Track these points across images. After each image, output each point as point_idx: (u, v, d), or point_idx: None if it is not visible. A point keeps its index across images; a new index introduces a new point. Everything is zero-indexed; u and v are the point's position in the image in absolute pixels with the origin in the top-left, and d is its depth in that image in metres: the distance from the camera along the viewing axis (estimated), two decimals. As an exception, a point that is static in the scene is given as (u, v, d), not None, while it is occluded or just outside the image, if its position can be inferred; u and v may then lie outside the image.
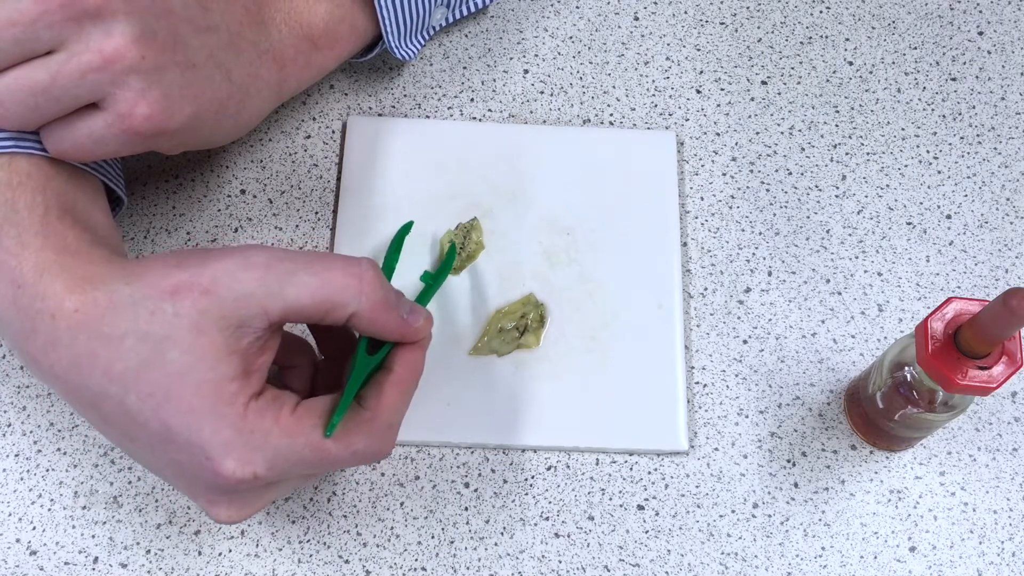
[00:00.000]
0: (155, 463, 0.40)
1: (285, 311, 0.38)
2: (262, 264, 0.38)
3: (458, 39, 0.60)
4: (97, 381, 0.38)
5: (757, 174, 0.57)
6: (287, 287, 0.38)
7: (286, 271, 0.38)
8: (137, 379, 0.37)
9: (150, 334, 0.37)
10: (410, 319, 0.41)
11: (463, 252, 0.54)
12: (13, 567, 0.47)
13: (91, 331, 0.38)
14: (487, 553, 0.49)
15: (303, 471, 0.39)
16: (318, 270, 0.39)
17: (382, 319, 0.40)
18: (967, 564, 0.49)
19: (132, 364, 0.37)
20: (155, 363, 0.37)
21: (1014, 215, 0.57)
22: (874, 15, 0.62)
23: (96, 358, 0.38)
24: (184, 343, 0.37)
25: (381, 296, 0.40)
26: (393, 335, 0.41)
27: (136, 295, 0.38)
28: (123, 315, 0.38)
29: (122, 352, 0.37)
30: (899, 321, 0.54)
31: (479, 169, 0.56)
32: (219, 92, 0.42)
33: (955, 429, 0.52)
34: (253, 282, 0.38)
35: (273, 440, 0.38)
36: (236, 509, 0.40)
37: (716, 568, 0.49)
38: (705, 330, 0.53)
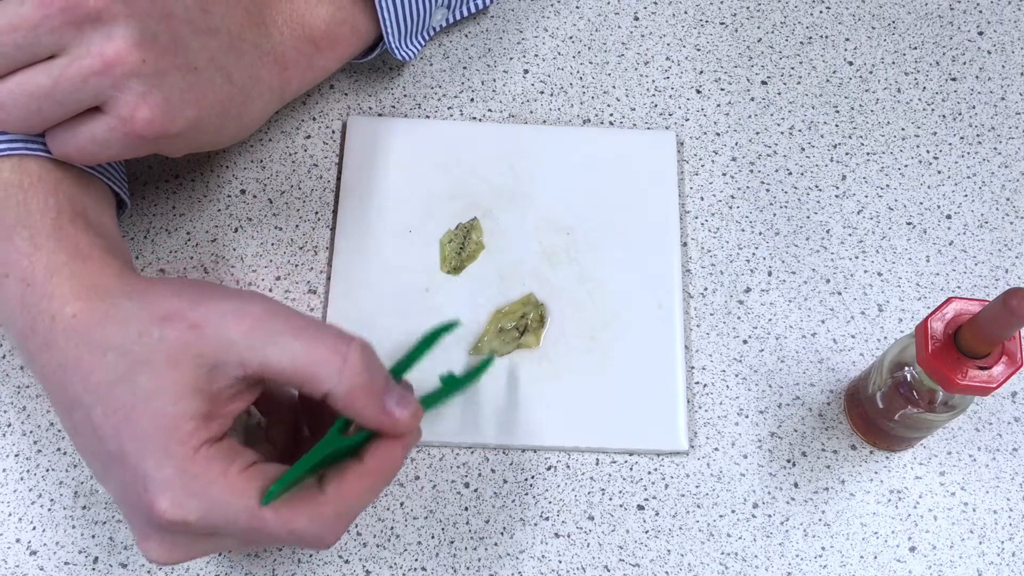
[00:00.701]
0: (107, 482, 0.40)
1: (262, 368, 0.38)
2: (254, 316, 0.38)
3: (458, 39, 0.60)
4: (75, 388, 0.38)
5: (757, 174, 0.57)
6: (269, 346, 0.37)
7: (274, 330, 0.38)
8: (109, 394, 0.37)
9: (131, 353, 0.37)
10: (395, 411, 0.39)
11: (463, 252, 0.54)
12: (13, 567, 0.47)
13: (82, 338, 0.38)
14: (487, 553, 0.49)
15: (236, 533, 0.38)
16: (306, 338, 0.38)
17: (359, 404, 0.38)
18: (967, 564, 0.49)
19: (108, 378, 0.37)
20: (128, 382, 0.37)
21: (1014, 215, 0.57)
22: (874, 15, 0.62)
23: (79, 365, 0.38)
24: (157, 370, 0.37)
25: (363, 381, 0.38)
26: (370, 423, 0.39)
27: (132, 312, 0.38)
28: (115, 329, 0.38)
29: (103, 364, 0.38)
30: (899, 321, 0.54)
31: (479, 169, 0.56)
32: (221, 94, 0.42)
33: (955, 429, 0.52)
34: (239, 332, 0.37)
35: (213, 491, 0.37)
36: (166, 550, 0.39)
37: (716, 568, 0.49)
38: (705, 330, 0.53)
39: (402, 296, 0.53)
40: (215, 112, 0.42)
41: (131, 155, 0.40)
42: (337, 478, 0.39)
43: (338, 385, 0.38)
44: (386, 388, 0.39)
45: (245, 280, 0.53)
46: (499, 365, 0.51)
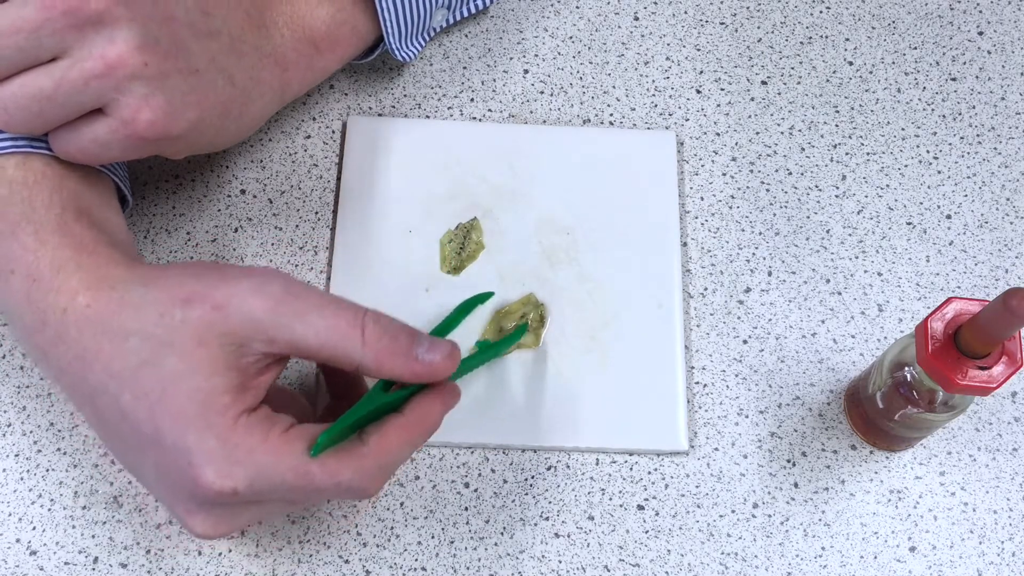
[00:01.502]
0: (141, 467, 0.40)
1: (290, 345, 0.38)
2: (277, 295, 0.38)
3: (458, 39, 0.60)
4: (97, 376, 0.38)
5: (757, 174, 0.57)
6: (296, 323, 0.38)
7: (297, 308, 0.38)
8: (135, 378, 0.37)
9: (154, 336, 0.38)
10: (426, 357, 0.40)
11: (463, 252, 0.54)
12: (13, 567, 0.47)
13: (99, 327, 0.38)
14: (487, 553, 0.49)
15: (284, 495, 0.38)
16: (327, 314, 0.39)
17: (388, 366, 0.39)
18: (967, 564, 0.49)
19: (132, 363, 0.38)
20: (154, 365, 0.37)
21: (1014, 215, 0.57)
22: (874, 15, 0.62)
23: (99, 353, 0.38)
24: (184, 350, 0.37)
25: (386, 344, 0.39)
26: (406, 378, 0.40)
27: (148, 297, 0.38)
28: (133, 315, 0.38)
29: (125, 350, 0.38)
30: (899, 321, 0.54)
31: (479, 169, 0.56)
32: (222, 96, 0.42)
33: (955, 429, 0.52)
34: (264, 310, 0.38)
35: (257, 457, 0.37)
36: (212, 523, 0.39)
37: (716, 568, 0.49)
38: (705, 330, 0.53)
39: (402, 296, 0.53)
40: (216, 114, 0.42)
41: (133, 156, 0.41)
42: (378, 431, 0.39)
43: (364, 356, 0.38)
44: (413, 342, 0.40)
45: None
46: (499, 365, 0.51)
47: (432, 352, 0.40)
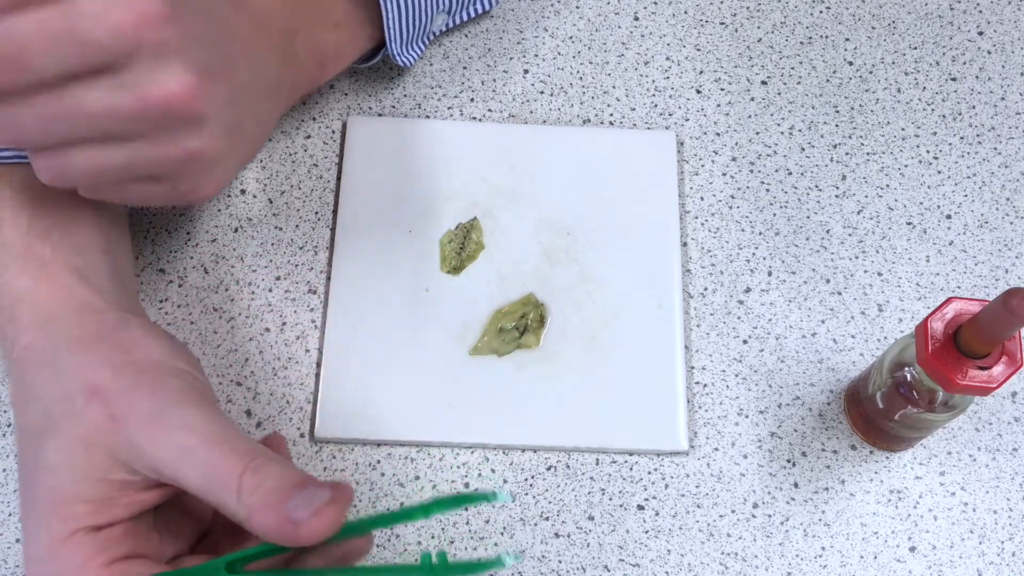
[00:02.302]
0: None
1: (175, 481, 0.36)
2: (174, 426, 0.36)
3: (458, 39, 0.60)
4: (17, 417, 0.39)
5: (757, 174, 0.57)
6: (180, 463, 0.36)
7: (190, 446, 0.36)
8: (25, 442, 0.38)
9: (51, 414, 0.37)
10: (297, 515, 0.34)
11: (463, 252, 0.54)
12: (13, 567, 0.47)
13: (24, 374, 0.39)
14: (487, 553, 0.49)
15: None
16: (214, 455, 0.35)
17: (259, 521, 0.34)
18: (967, 564, 0.49)
19: (29, 426, 0.38)
20: (38, 442, 0.37)
21: (1014, 215, 0.57)
22: (874, 15, 0.62)
23: (19, 398, 0.39)
24: (65, 444, 0.37)
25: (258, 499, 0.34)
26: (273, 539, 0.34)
27: (67, 369, 0.38)
28: (47, 378, 0.38)
29: (30, 410, 0.38)
30: (899, 321, 0.54)
31: (479, 169, 0.56)
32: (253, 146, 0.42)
33: (955, 429, 0.52)
34: (153, 442, 0.36)
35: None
36: None
37: (716, 568, 0.49)
38: (705, 330, 0.53)
39: (402, 296, 0.53)
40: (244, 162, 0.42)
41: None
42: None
43: (238, 509, 0.35)
44: (288, 495, 0.34)
45: (245, 280, 0.53)
46: (499, 365, 0.51)
47: (306, 507, 0.34)
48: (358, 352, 0.51)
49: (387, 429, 0.50)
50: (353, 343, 0.51)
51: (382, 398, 0.50)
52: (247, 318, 0.53)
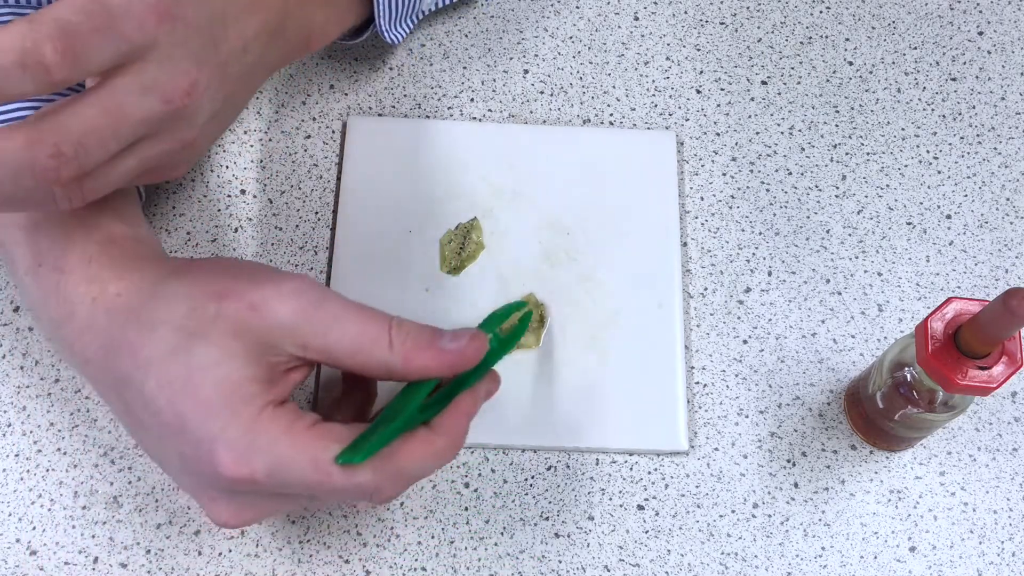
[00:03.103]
0: (165, 456, 0.40)
1: (322, 352, 0.39)
2: (312, 301, 0.39)
3: (458, 39, 0.60)
4: (123, 365, 0.38)
5: (757, 174, 0.57)
6: (330, 331, 0.38)
7: (331, 314, 0.39)
8: (161, 366, 0.38)
9: (184, 327, 0.38)
10: (452, 346, 0.40)
11: (463, 252, 0.54)
12: (13, 567, 0.47)
13: (128, 316, 0.39)
14: (487, 553, 0.49)
15: (302, 489, 0.38)
16: (358, 320, 0.39)
17: (418, 362, 0.39)
18: (967, 564, 0.49)
19: (159, 352, 0.38)
20: (181, 354, 0.37)
21: (1014, 215, 0.57)
22: (874, 15, 0.62)
23: (126, 342, 0.38)
24: (216, 341, 0.37)
25: (411, 344, 0.39)
26: (439, 370, 0.40)
27: (181, 290, 0.39)
28: (163, 305, 0.39)
29: (153, 339, 0.38)
30: (899, 321, 0.54)
31: (479, 169, 0.56)
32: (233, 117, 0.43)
33: (955, 429, 0.52)
34: (299, 315, 0.38)
35: (279, 448, 0.37)
36: (234, 512, 0.39)
37: (716, 568, 0.49)
38: (705, 330, 0.53)
39: (402, 296, 0.53)
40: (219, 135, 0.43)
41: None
42: (404, 441, 0.39)
43: (392, 358, 0.39)
44: (436, 336, 0.40)
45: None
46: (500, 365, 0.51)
47: (456, 340, 0.40)
48: (358, 352, 0.51)
49: (387, 429, 0.50)
50: (353, 343, 0.51)
51: (381, 398, 0.50)
52: (247, 318, 0.53)
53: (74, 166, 0.34)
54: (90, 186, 0.36)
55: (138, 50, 0.34)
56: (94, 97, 0.34)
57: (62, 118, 0.34)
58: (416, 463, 0.39)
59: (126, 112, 0.35)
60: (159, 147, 0.37)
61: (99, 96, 0.34)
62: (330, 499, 0.42)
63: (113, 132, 0.35)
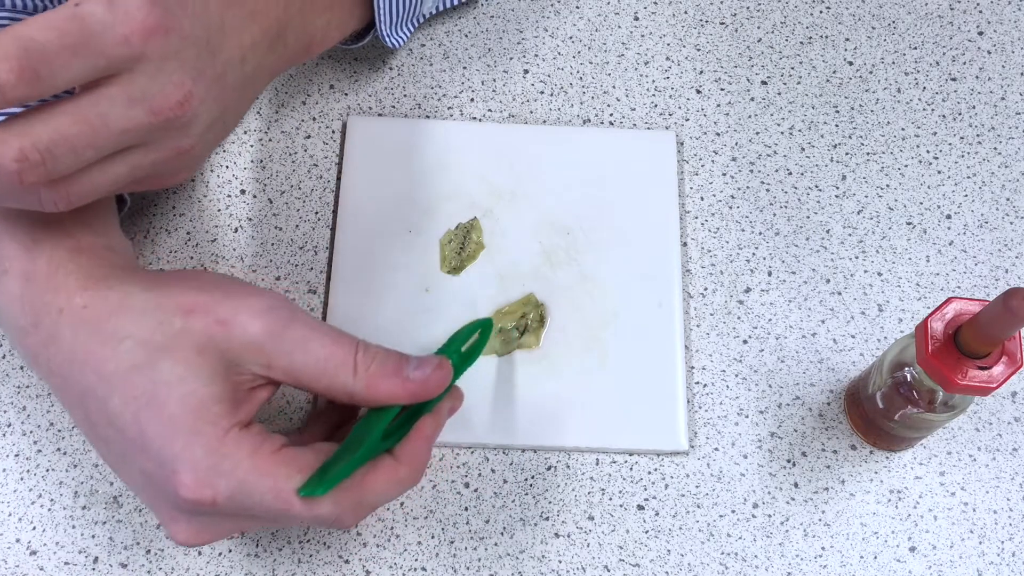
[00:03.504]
0: (126, 471, 0.40)
1: (287, 373, 0.39)
2: (280, 320, 0.39)
3: (458, 39, 0.60)
4: (87, 378, 0.38)
5: (757, 174, 0.57)
6: (295, 352, 0.38)
7: (297, 337, 0.39)
8: (125, 381, 0.37)
9: (150, 342, 0.37)
10: (416, 374, 0.40)
11: (463, 252, 0.54)
12: (13, 567, 0.47)
13: (93, 328, 0.38)
14: (487, 553, 0.49)
15: (262, 513, 0.38)
16: (324, 343, 0.39)
17: (382, 389, 0.39)
18: (967, 564, 0.49)
19: (124, 366, 0.37)
20: (147, 369, 0.37)
21: (1014, 215, 0.57)
22: (874, 15, 0.62)
23: (91, 355, 0.38)
24: (182, 357, 0.37)
25: (375, 370, 0.39)
26: (403, 398, 0.40)
27: (149, 303, 0.38)
28: (129, 319, 0.38)
29: (118, 353, 0.38)
30: (899, 321, 0.54)
31: (479, 169, 0.56)
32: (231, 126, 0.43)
33: (955, 429, 0.52)
34: (266, 335, 0.38)
35: (241, 473, 0.37)
36: (194, 532, 0.39)
37: (716, 568, 0.49)
38: (705, 330, 0.53)
39: (402, 296, 0.53)
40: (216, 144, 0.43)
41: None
42: (367, 470, 0.39)
43: (355, 384, 0.39)
44: (402, 364, 0.40)
45: (245, 280, 0.53)
46: (500, 365, 0.51)
47: (421, 368, 0.40)
48: (358, 352, 0.51)
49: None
50: (353, 343, 0.51)
51: None
52: (247, 318, 0.53)
53: (40, 171, 0.34)
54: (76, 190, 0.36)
55: (123, 63, 0.34)
56: (72, 105, 0.34)
57: (33, 123, 0.33)
58: (379, 492, 0.39)
59: (107, 122, 0.34)
60: (152, 156, 0.37)
61: (78, 105, 0.34)
62: (290, 525, 0.42)
63: (89, 141, 0.34)
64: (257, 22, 0.42)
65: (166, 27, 0.35)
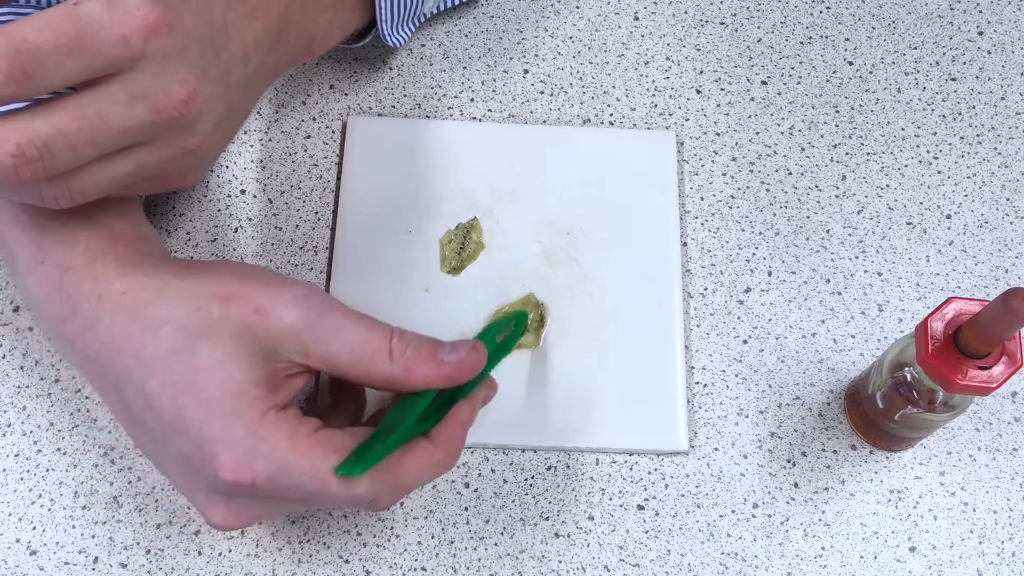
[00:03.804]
0: (163, 456, 0.40)
1: (324, 361, 0.39)
2: (316, 308, 0.39)
3: (458, 39, 0.60)
4: (125, 363, 0.38)
5: (757, 174, 0.57)
6: (332, 339, 0.39)
7: (334, 323, 0.39)
8: (164, 365, 0.38)
9: (189, 327, 0.38)
10: (451, 357, 0.40)
11: (463, 252, 0.54)
12: (13, 567, 0.47)
13: (132, 314, 0.39)
14: (487, 553, 0.49)
15: (300, 495, 0.38)
16: (360, 331, 0.39)
17: (418, 373, 0.40)
18: (967, 564, 0.49)
19: (163, 351, 0.38)
20: (186, 353, 0.38)
21: (1014, 215, 0.57)
22: (874, 15, 0.62)
23: (129, 340, 0.38)
24: (220, 341, 0.38)
25: (411, 355, 0.40)
26: (439, 382, 0.40)
27: (186, 290, 0.39)
28: (168, 305, 0.39)
29: (156, 338, 0.38)
30: (899, 321, 0.54)
31: (479, 169, 0.56)
32: (236, 129, 0.43)
33: (955, 429, 0.52)
34: (303, 323, 0.38)
35: (279, 453, 0.37)
36: (232, 514, 0.39)
37: (716, 568, 0.49)
38: (705, 330, 0.53)
39: (402, 296, 0.53)
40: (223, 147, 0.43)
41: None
42: (404, 452, 0.40)
43: (392, 369, 0.39)
44: (436, 348, 0.41)
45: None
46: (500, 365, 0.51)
47: (456, 352, 0.41)
48: (358, 352, 0.51)
49: (387, 429, 0.50)
50: (353, 343, 0.51)
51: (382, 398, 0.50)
52: (247, 318, 0.53)
53: (37, 167, 0.34)
54: (77, 187, 0.36)
55: (122, 63, 0.34)
56: (72, 102, 0.34)
57: (32, 119, 0.33)
58: (414, 474, 0.40)
59: (107, 120, 0.34)
60: (158, 155, 0.37)
61: (78, 102, 0.34)
62: (326, 505, 0.42)
63: (88, 138, 0.34)
64: (259, 19, 0.42)
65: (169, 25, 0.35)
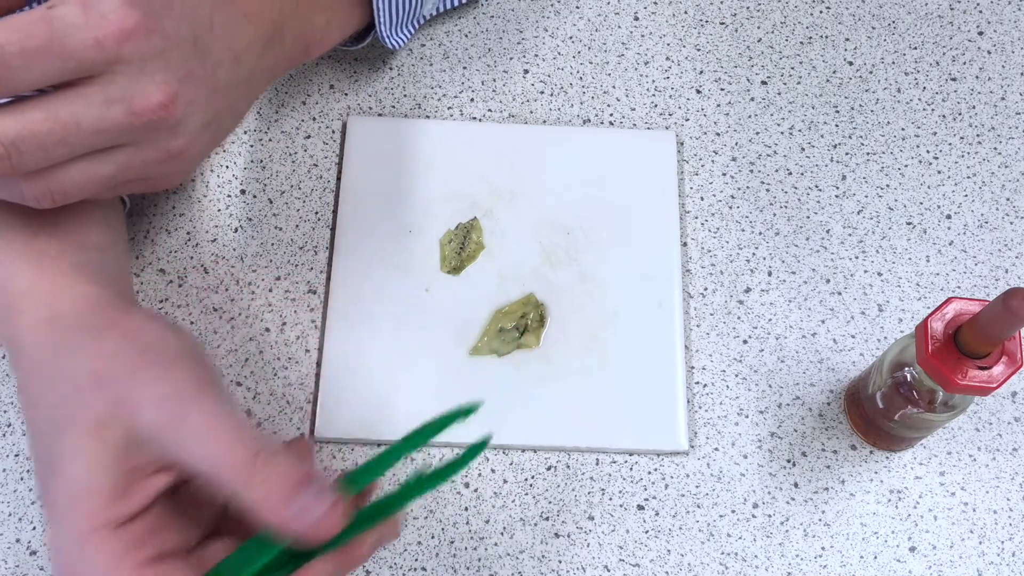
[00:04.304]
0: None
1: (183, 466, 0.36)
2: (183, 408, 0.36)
3: (458, 39, 0.60)
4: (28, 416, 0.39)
5: (757, 174, 0.57)
6: (194, 443, 0.35)
7: (199, 427, 0.35)
8: (40, 439, 0.38)
9: (63, 407, 0.37)
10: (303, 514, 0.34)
11: (463, 252, 0.54)
12: (13, 567, 0.47)
13: (30, 374, 0.39)
14: (487, 553, 0.49)
15: None
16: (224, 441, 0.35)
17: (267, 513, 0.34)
18: (967, 564, 0.49)
19: (42, 426, 0.38)
20: (55, 434, 0.37)
21: (1014, 215, 0.57)
22: (874, 15, 0.62)
23: (28, 395, 0.39)
24: (79, 431, 0.36)
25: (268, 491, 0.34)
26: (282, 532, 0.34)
27: (71, 364, 0.38)
28: (53, 375, 0.38)
29: (40, 410, 0.38)
30: (899, 321, 0.54)
31: (479, 169, 0.56)
32: (228, 130, 0.43)
33: (955, 429, 0.52)
34: (163, 424, 0.35)
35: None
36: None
37: (716, 568, 0.49)
38: (705, 330, 0.53)
39: (402, 296, 0.53)
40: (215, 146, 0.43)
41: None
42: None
43: (249, 494, 0.34)
44: (295, 490, 0.34)
45: (245, 280, 0.53)
46: (499, 365, 0.51)
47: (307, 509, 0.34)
48: (358, 352, 0.51)
49: (387, 429, 0.50)
50: (353, 343, 0.51)
51: (382, 398, 0.50)
52: (247, 318, 0.53)
53: (5, 165, 0.34)
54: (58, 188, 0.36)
55: (97, 66, 0.34)
56: (45, 102, 0.34)
57: (3, 117, 0.33)
58: None
59: (80, 121, 0.34)
60: (140, 157, 0.37)
61: (51, 102, 0.34)
62: None
63: (60, 139, 0.34)
64: (251, 23, 0.41)
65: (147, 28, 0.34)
